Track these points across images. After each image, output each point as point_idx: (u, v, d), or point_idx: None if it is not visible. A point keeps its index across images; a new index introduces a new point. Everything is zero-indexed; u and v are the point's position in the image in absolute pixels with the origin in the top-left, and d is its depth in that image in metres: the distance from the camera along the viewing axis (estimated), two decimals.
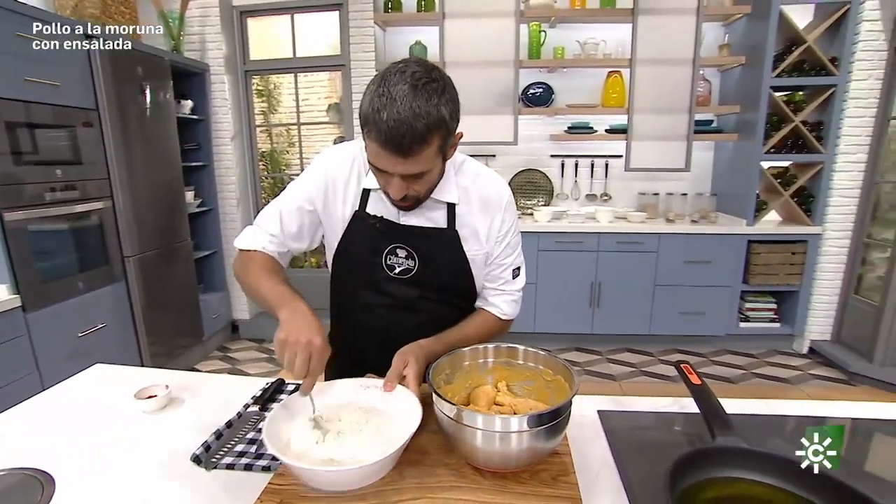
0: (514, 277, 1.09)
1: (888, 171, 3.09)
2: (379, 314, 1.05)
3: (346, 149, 1.04)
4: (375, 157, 0.82)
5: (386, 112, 0.76)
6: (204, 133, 3.41)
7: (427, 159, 0.82)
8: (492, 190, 1.04)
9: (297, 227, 1.03)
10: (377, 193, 0.99)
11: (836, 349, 3.23)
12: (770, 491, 0.68)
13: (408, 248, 1.00)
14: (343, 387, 0.85)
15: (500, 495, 0.69)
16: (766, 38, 2.98)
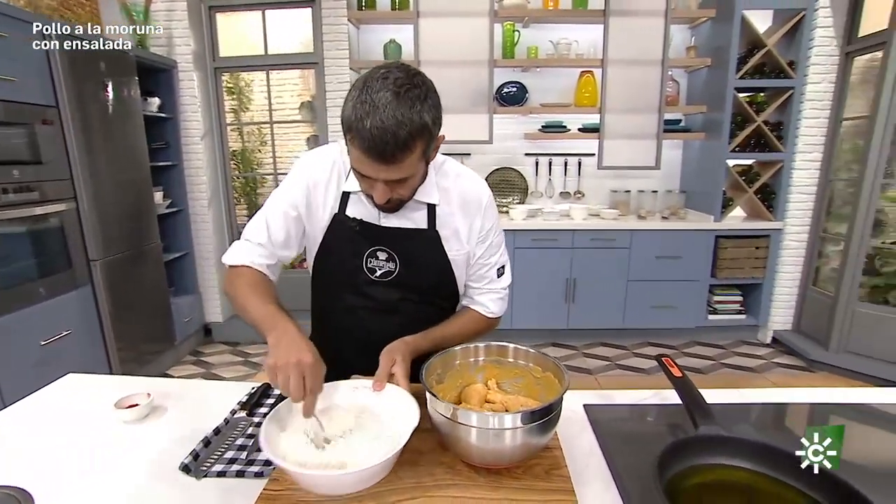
0: (500, 276, 1.10)
1: (840, 169, 3.26)
2: (361, 317, 1.05)
3: (326, 152, 1.03)
4: (359, 163, 0.82)
5: (369, 120, 0.75)
6: (172, 132, 3.31)
7: (410, 165, 0.83)
8: (472, 190, 1.04)
9: (284, 234, 1.01)
10: (356, 196, 0.99)
11: (796, 338, 3.39)
12: (749, 475, 0.72)
13: (388, 251, 1.00)
14: (334, 389, 0.85)
15: (496, 491, 0.70)
16: (730, 42, 3.09)
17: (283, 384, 0.74)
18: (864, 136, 3.00)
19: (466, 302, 1.13)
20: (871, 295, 3.18)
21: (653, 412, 0.99)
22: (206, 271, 3.52)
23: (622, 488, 0.74)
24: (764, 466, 0.72)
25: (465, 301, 1.13)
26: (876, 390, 1.09)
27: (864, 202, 2.99)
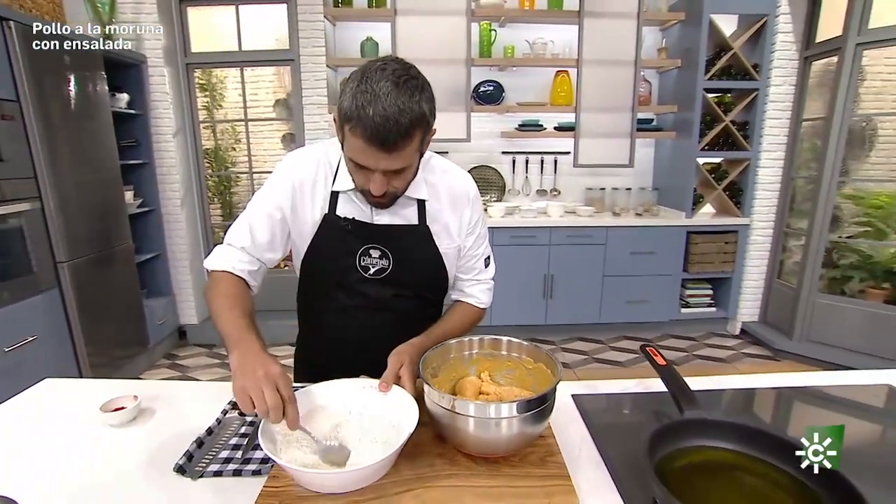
0: (486, 267, 1.14)
1: (801, 167, 3.42)
2: (353, 315, 1.05)
3: (310, 152, 1.03)
4: (359, 153, 0.82)
5: (371, 108, 0.76)
6: (142, 129, 3.21)
7: (409, 155, 0.84)
8: (459, 185, 1.07)
9: (268, 236, 0.99)
10: (346, 196, 0.99)
11: (763, 329, 3.54)
12: (732, 455, 0.76)
13: (381, 248, 1.00)
14: (340, 387, 0.85)
15: (494, 479, 0.72)
16: (699, 44, 3.20)
17: (258, 400, 0.70)
18: (821, 137, 3.16)
19: (457, 296, 1.14)
20: (830, 286, 3.35)
21: (638, 400, 1.03)
22: (179, 272, 3.43)
23: (614, 472, 0.77)
24: (745, 446, 0.76)
25: (456, 295, 1.15)
26: (830, 374, 1.16)
27: (822, 199, 3.14)
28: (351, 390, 0.85)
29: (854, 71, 2.95)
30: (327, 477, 0.68)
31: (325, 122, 3.37)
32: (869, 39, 2.88)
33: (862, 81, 3.11)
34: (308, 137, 3.38)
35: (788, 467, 0.72)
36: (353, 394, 0.85)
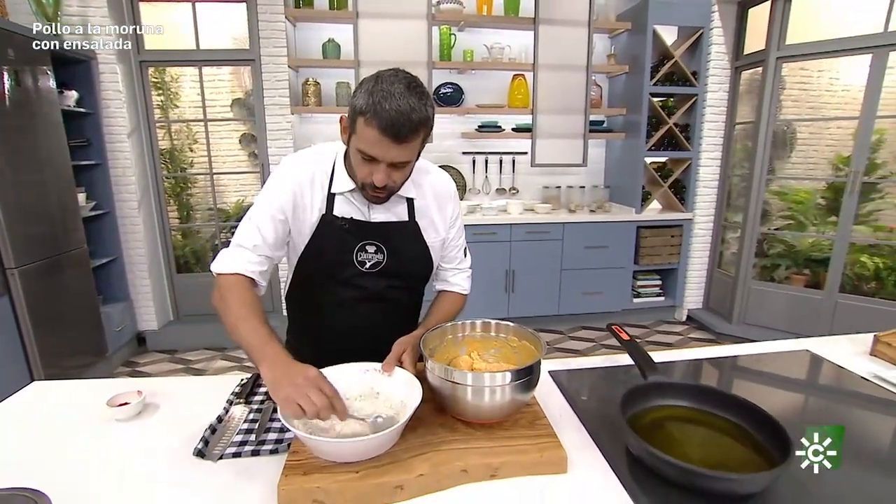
0: (465, 256, 1.26)
1: (735, 166, 3.74)
2: (350, 306, 1.12)
3: (307, 156, 1.09)
4: (372, 144, 0.90)
5: (388, 103, 0.86)
6: (94, 128, 3.08)
7: (413, 149, 0.94)
8: (441, 183, 1.17)
9: (273, 236, 1.04)
10: (343, 197, 1.07)
11: (706, 315, 3.86)
12: (688, 411, 0.90)
13: (377, 244, 1.08)
14: (346, 371, 0.93)
15: (492, 440, 0.82)
16: (644, 52, 3.45)
17: (308, 405, 0.76)
18: (751, 139, 3.49)
19: (442, 286, 1.25)
20: (761, 274, 3.70)
21: (606, 373, 1.17)
22: (137, 277, 3.32)
23: (591, 431, 0.90)
24: (699, 402, 0.91)
25: (440, 285, 1.25)
26: (764, 343, 1.36)
27: (753, 195, 3.47)
28: (355, 373, 0.93)
29: (776, 81, 3.28)
30: (345, 446, 0.76)
31: (286, 122, 3.36)
32: (786, 54, 3.22)
33: (783, 90, 3.47)
34: (270, 138, 3.37)
35: (731, 416, 0.87)
36: (358, 376, 0.93)
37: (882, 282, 3.27)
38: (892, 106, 3.39)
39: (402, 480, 0.74)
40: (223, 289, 0.99)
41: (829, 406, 1.10)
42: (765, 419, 0.82)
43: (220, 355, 3.34)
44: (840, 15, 3.10)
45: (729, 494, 0.72)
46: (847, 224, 3.12)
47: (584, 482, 0.78)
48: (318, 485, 0.72)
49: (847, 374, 1.16)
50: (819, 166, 3.81)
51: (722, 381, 1.19)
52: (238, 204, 4.01)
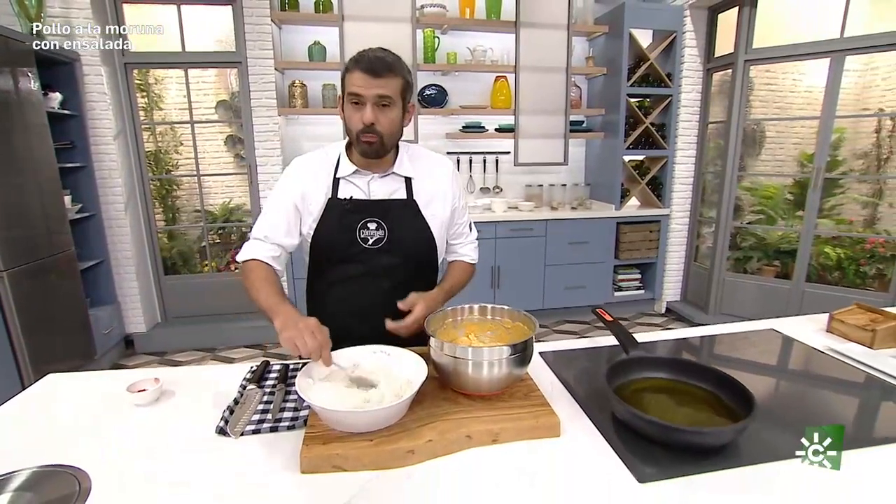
0: (471, 231, 1.40)
1: (709, 164, 3.91)
2: (356, 282, 1.22)
3: (314, 153, 1.26)
4: (356, 82, 1.08)
5: (369, 53, 1.09)
6: (78, 130, 3.07)
7: (393, 87, 1.09)
8: (438, 165, 1.30)
9: (284, 225, 1.19)
10: (346, 182, 1.20)
11: (684, 307, 4.02)
12: (667, 382, 1.00)
13: (378, 220, 1.19)
14: (355, 352, 1.01)
15: (491, 410, 0.91)
16: (621, 54, 3.59)
17: (301, 344, 0.91)
18: (723, 137, 3.66)
19: (452, 256, 1.39)
20: (735, 266, 3.87)
21: (591, 352, 1.27)
22: (124, 279, 3.32)
23: (580, 401, 0.99)
24: (675, 374, 1.01)
25: (451, 256, 1.39)
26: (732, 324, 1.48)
27: (726, 191, 3.64)
28: (366, 354, 1.01)
29: (744, 82, 3.45)
30: (358, 416, 0.83)
31: (273, 123, 3.39)
32: (753, 57, 3.40)
33: (752, 91, 3.65)
34: (257, 140, 3.40)
35: (704, 384, 0.97)
36: (368, 357, 1.00)
37: (844, 271, 3.48)
38: (849, 106, 3.60)
39: (413, 446, 0.81)
40: (245, 272, 1.17)
41: (791, 376, 1.21)
42: (732, 385, 0.92)
43: (210, 356, 3.35)
44: (801, 21, 3.29)
45: (702, 447, 0.82)
46: (811, 218, 3.31)
47: (576, 444, 0.87)
48: (337, 451, 0.79)
49: (806, 349, 1.29)
50: (786, 163, 4.01)
51: (697, 357, 1.29)
52: (224, 205, 4.02)
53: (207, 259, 3.83)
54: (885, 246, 3.32)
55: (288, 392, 1.03)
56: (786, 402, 1.08)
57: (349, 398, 0.89)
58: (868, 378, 1.12)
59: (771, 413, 0.97)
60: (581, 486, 0.76)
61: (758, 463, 0.80)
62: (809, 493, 0.74)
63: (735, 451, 0.83)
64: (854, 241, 3.51)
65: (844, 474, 0.76)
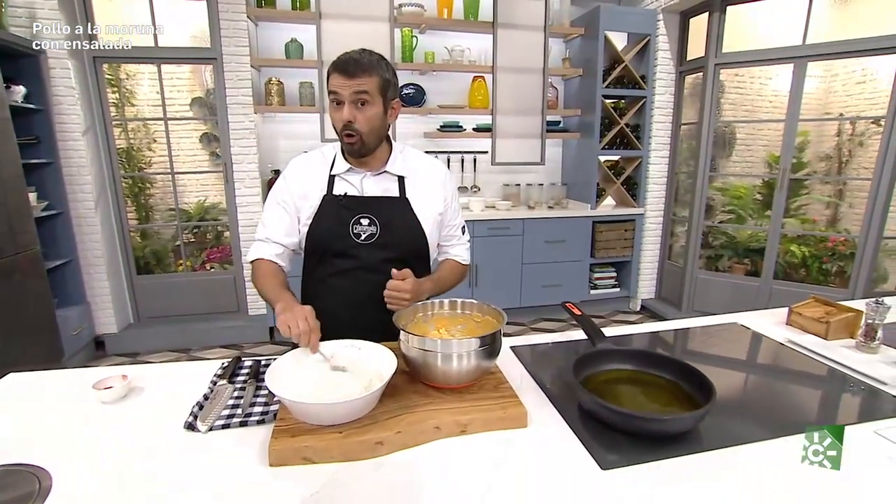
0: (463, 234, 1.44)
1: (682, 164, 4.01)
2: (349, 276, 1.25)
3: (310, 153, 1.31)
4: (333, 82, 1.12)
5: (347, 54, 1.13)
6: (44, 125, 2.98)
7: (369, 85, 1.12)
8: (432, 166, 1.34)
9: (282, 226, 1.26)
10: (341, 179, 1.25)
11: (658, 304, 4.11)
12: (632, 373, 1.03)
13: (370, 216, 1.23)
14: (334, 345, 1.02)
15: (461, 402, 0.92)
16: (597, 56, 3.65)
17: (293, 327, 0.96)
18: (695, 138, 3.75)
19: (444, 256, 1.43)
20: (707, 264, 3.98)
21: (561, 346, 1.29)
22: (94, 279, 3.23)
23: (548, 392, 1.02)
24: (641, 365, 1.04)
25: (442, 256, 1.43)
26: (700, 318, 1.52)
27: (698, 191, 3.73)
28: (339, 348, 1.01)
29: (715, 85, 3.55)
30: (329, 407, 0.83)
31: (249, 121, 3.35)
32: (723, 61, 3.50)
33: (722, 94, 3.75)
34: (233, 137, 3.35)
35: (668, 374, 1.00)
36: (341, 351, 1.01)
37: (808, 268, 3.60)
38: (813, 111, 3.74)
39: (381, 437, 0.82)
40: (253, 270, 1.26)
41: (752, 366, 1.26)
42: (695, 375, 0.95)
43: (184, 357, 3.29)
44: (766, 27, 3.41)
45: (664, 434, 0.85)
46: (778, 217, 3.42)
47: (543, 434, 0.89)
48: (306, 444, 0.79)
49: (767, 341, 1.34)
50: (755, 165, 4.14)
51: (665, 349, 1.33)
52: (200, 204, 3.95)
53: (182, 258, 3.76)
54: (845, 244, 3.45)
55: (259, 387, 1.03)
56: (745, 391, 1.12)
57: (319, 392, 0.89)
58: (823, 367, 1.17)
59: (731, 401, 1.01)
60: (546, 474, 0.78)
61: (717, 448, 0.83)
62: (772, 479, 0.78)
63: (697, 438, 0.86)
64: (817, 240, 3.64)
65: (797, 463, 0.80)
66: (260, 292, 1.20)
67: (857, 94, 3.71)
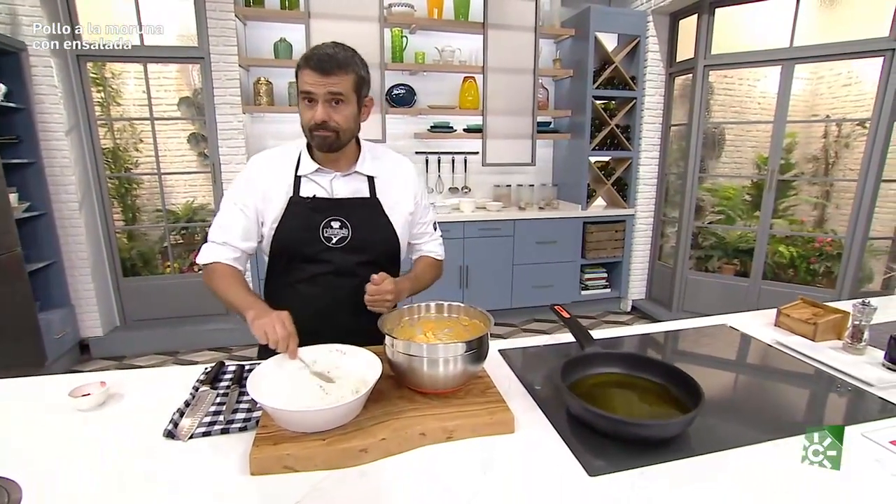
0: (435, 230, 1.40)
1: (672, 165, 4.03)
2: (321, 282, 1.21)
3: (272, 151, 1.24)
4: (307, 80, 1.06)
5: (320, 50, 1.07)
6: (25, 125, 2.92)
7: (345, 84, 1.07)
8: (400, 165, 1.31)
9: (240, 229, 1.18)
10: (307, 180, 1.19)
11: (649, 305, 4.12)
12: (621, 376, 1.03)
13: (341, 219, 1.18)
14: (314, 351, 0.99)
15: (447, 407, 0.91)
16: (587, 57, 3.66)
17: (271, 332, 0.93)
18: (684, 139, 3.77)
19: (417, 254, 1.40)
20: (697, 265, 4.00)
21: (549, 349, 1.28)
22: (79, 281, 3.17)
23: (536, 397, 1.00)
24: (629, 369, 1.03)
25: (416, 254, 1.39)
26: (689, 320, 1.52)
27: (688, 191, 3.75)
28: (323, 353, 0.99)
29: (704, 86, 3.57)
30: (310, 415, 0.81)
31: (238, 121, 3.32)
32: (712, 62, 3.52)
33: (711, 95, 3.78)
34: (221, 138, 3.31)
35: (655, 378, 1.00)
36: (325, 356, 0.99)
37: (797, 269, 3.63)
38: (800, 112, 3.77)
39: (366, 444, 0.80)
40: (209, 274, 1.17)
41: (742, 368, 1.26)
42: (683, 378, 0.94)
43: (172, 360, 3.25)
44: (754, 29, 3.43)
45: (651, 439, 0.84)
46: (767, 218, 3.45)
47: (530, 440, 0.88)
48: (288, 452, 0.78)
49: (756, 342, 1.34)
50: (744, 166, 4.17)
51: (655, 352, 1.33)
52: (188, 205, 3.90)
53: (170, 260, 3.70)
54: (832, 245, 3.49)
55: (242, 393, 1.01)
56: (734, 393, 1.12)
57: (302, 398, 0.87)
58: (811, 369, 1.18)
59: (720, 403, 1.01)
60: (533, 481, 0.77)
61: (706, 453, 0.83)
62: (762, 483, 0.77)
63: (685, 442, 0.85)
64: (805, 241, 3.67)
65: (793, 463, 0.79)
66: (222, 297, 1.12)
67: (842, 97, 3.75)
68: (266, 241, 1.21)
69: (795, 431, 0.87)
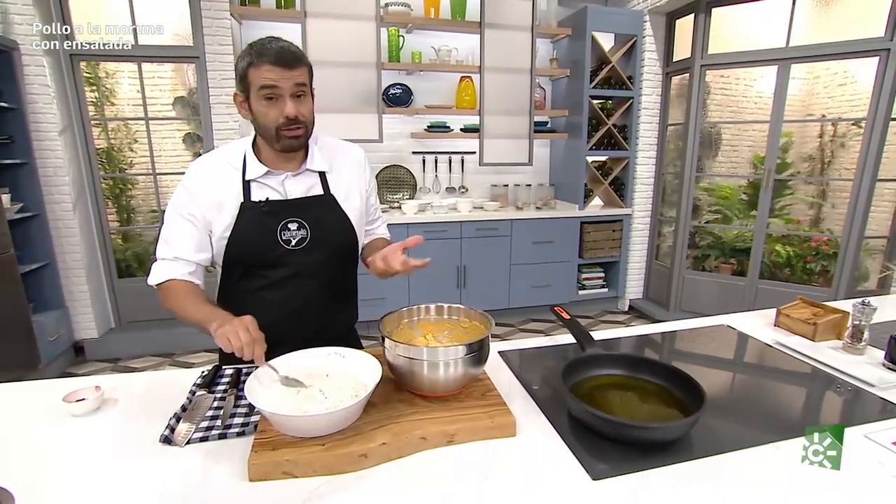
0: (382, 213, 1.42)
1: (669, 164, 4.04)
2: (285, 285, 1.16)
3: (210, 156, 1.16)
4: (269, 76, 1.01)
5: (270, 45, 1.02)
6: (17, 124, 2.89)
7: (305, 76, 1.05)
8: (349, 154, 1.27)
9: (189, 241, 1.11)
10: (257, 184, 1.13)
11: (646, 304, 4.13)
12: (622, 378, 1.02)
13: (298, 220, 1.14)
14: (312, 353, 0.98)
15: (448, 411, 0.90)
16: (584, 56, 3.66)
17: (235, 339, 0.87)
18: (681, 139, 3.78)
19: (372, 237, 1.39)
20: (694, 264, 4.01)
21: (550, 350, 1.28)
22: (73, 283, 3.14)
23: (537, 399, 1.00)
24: (630, 370, 1.02)
25: (369, 238, 1.38)
26: (688, 320, 1.51)
27: (685, 191, 3.76)
28: (321, 356, 0.98)
29: (701, 86, 3.58)
30: (309, 419, 0.80)
31: (233, 121, 3.30)
32: (708, 62, 3.53)
33: (708, 95, 3.78)
34: (217, 138, 3.29)
35: (657, 379, 0.99)
36: (322, 359, 0.98)
37: (793, 268, 3.65)
38: (796, 112, 3.78)
39: (365, 449, 0.79)
40: (166, 293, 1.10)
41: (742, 369, 1.26)
42: (685, 379, 0.94)
43: (168, 361, 3.22)
44: (751, 29, 3.44)
45: (654, 442, 0.83)
46: (763, 217, 3.46)
47: (532, 443, 0.87)
48: (287, 457, 0.76)
49: (755, 342, 1.34)
50: (741, 165, 4.18)
51: (655, 353, 1.32)
52: None
53: None
54: (828, 244, 3.50)
55: (239, 397, 0.99)
56: (734, 393, 1.11)
57: (301, 403, 0.86)
58: (811, 369, 1.17)
59: (721, 404, 1.00)
60: (535, 485, 0.76)
61: (709, 455, 0.82)
62: (765, 485, 0.77)
63: (688, 445, 0.85)
64: (802, 240, 3.68)
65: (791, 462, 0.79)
66: (183, 316, 1.04)
67: (838, 97, 3.76)
68: (217, 251, 1.15)
69: (796, 432, 0.86)
